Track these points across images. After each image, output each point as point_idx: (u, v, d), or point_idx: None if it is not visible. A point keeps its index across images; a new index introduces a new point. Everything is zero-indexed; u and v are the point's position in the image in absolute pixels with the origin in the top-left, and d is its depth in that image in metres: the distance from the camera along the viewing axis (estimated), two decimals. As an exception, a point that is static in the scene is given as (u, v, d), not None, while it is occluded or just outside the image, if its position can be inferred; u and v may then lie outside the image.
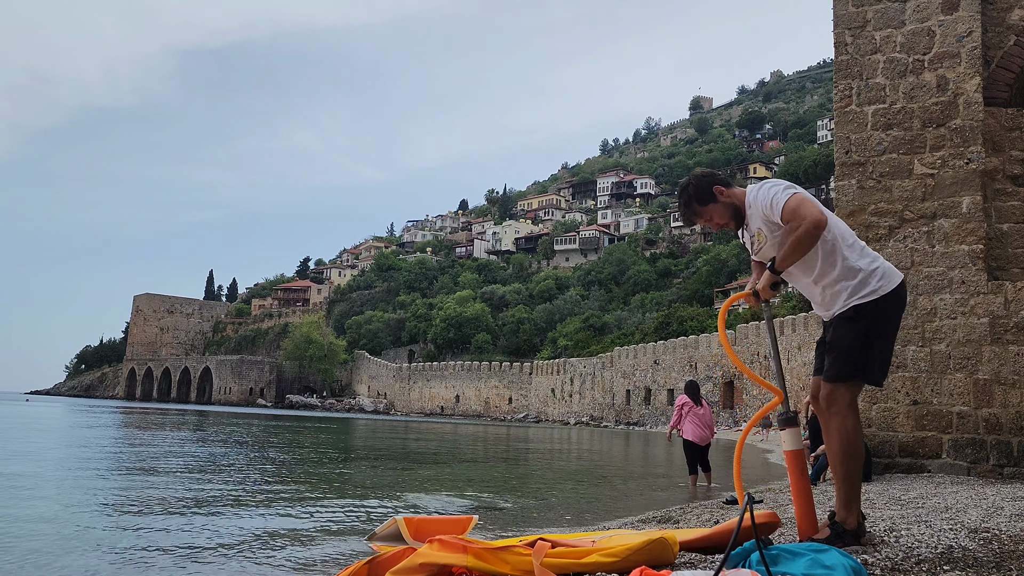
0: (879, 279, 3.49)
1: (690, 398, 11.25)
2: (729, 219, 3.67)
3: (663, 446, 28.71)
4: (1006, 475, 7.58)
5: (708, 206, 3.67)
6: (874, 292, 3.47)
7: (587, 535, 3.97)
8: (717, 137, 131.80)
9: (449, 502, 9.34)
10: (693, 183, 3.71)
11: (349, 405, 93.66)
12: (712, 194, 3.66)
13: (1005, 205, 8.15)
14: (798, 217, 3.39)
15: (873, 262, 3.54)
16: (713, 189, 3.66)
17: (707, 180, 3.69)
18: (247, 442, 21.74)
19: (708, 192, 3.66)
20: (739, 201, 3.65)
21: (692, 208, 3.71)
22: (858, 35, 8.77)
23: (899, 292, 3.53)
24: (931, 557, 3.27)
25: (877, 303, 3.47)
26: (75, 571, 5.11)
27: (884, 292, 3.48)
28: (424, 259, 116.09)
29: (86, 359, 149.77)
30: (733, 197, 3.65)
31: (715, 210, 3.67)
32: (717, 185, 3.66)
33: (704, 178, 3.71)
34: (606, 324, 80.00)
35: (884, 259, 3.66)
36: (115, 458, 15.10)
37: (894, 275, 3.54)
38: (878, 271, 3.51)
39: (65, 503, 8.27)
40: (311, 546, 6.00)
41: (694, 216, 3.73)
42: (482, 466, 16.64)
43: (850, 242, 3.57)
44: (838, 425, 3.49)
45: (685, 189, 3.74)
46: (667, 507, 7.58)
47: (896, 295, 3.52)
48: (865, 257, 3.54)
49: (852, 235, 3.62)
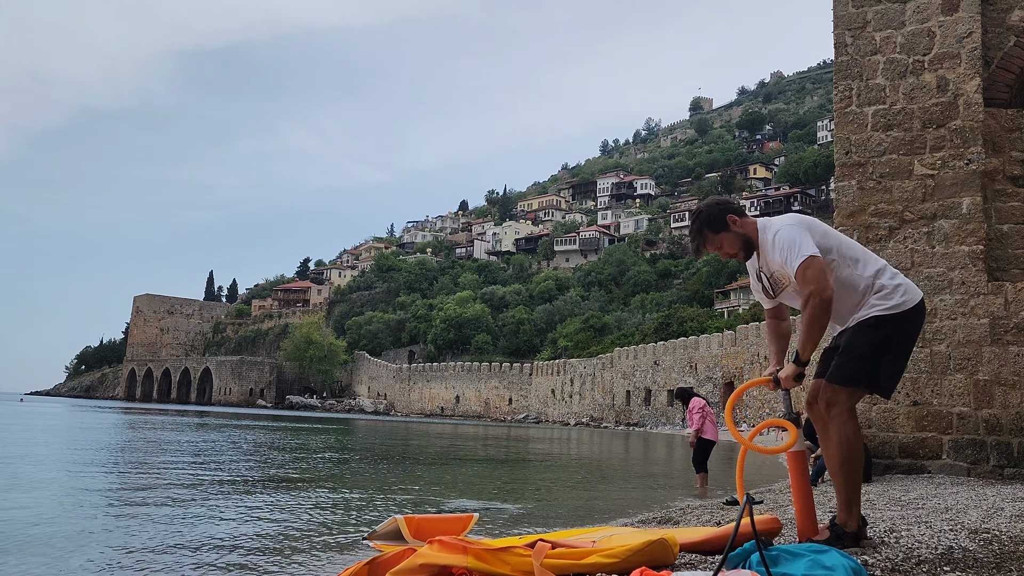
0: (902, 295, 3.50)
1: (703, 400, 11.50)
2: (739, 250, 3.62)
3: (663, 447, 28.72)
4: (1006, 476, 7.58)
5: (720, 235, 3.60)
6: (898, 307, 3.48)
7: (588, 532, 3.97)
8: (717, 138, 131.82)
9: (449, 502, 9.34)
10: (706, 211, 3.64)
11: (349, 406, 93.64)
12: (725, 223, 3.59)
13: (1005, 206, 8.15)
14: (804, 288, 3.37)
15: (894, 278, 3.56)
16: (727, 218, 3.59)
17: (721, 208, 3.62)
18: (247, 442, 21.74)
19: (721, 220, 3.59)
20: (751, 233, 3.60)
21: (704, 235, 3.63)
22: (858, 36, 8.77)
23: (919, 309, 3.56)
24: (931, 558, 3.26)
25: (899, 317, 3.49)
26: (75, 571, 5.11)
27: (907, 308, 3.50)
28: (424, 260, 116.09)
29: (86, 360, 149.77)
30: (745, 228, 3.59)
31: (726, 239, 3.60)
32: (731, 214, 3.60)
33: (718, 205, 3.65)
34: (606, 325, 79.99)
35: (889, 261, 3.68)
36: (115, 458, 15.10)
37: (916, 293, 3.57)
38: (901, 287, 3.53)
39: (65, 504, 8.27)
40: (311, 546, 5.99)
41: (705, 243, 3.65)
42: (482, 466, 16.64)
43: (867, 261, 3.58)
44: (837, 429, 3.49)
45: (698, 216, 3.66)
46: (667, 507, 7.57)
47: (916, 311, 3.54)
48: (887, 272, 3.56)
49: (868, 253, 3.64)
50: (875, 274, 3.55)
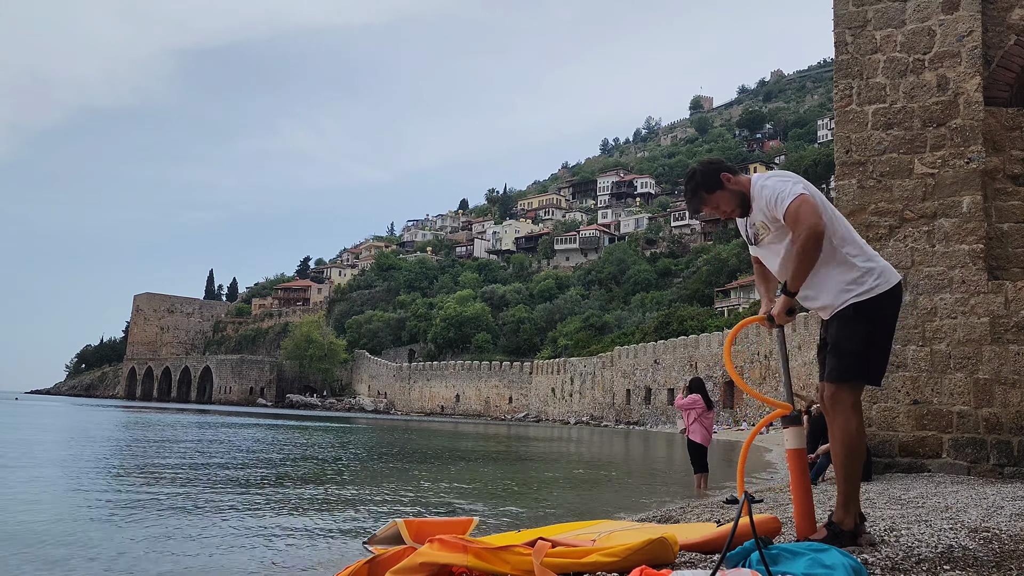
0: (876, 277, 3.49)
1: (703, 401, 11.29)
2: (736, 207, 3.63)
3: (663, 446, 28.72)
4: (1006, 475, 7.58)
5: (715, 193, 3.62)
6: (872, 290, 3.47)
7: (587, 525, 3.97)
8: (717, 137, 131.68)
9: (450, 501, 9.34)
10: (700, 170, 3.67)
11: (349, 405, 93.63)
12: (719, 181, 3.60)
13: (1005, 205, 8.15)
14: (798, 224, 3.37)
15: (870, 260, 3.54)
16: (720, 176, 3.61)
17: (714, 167, 3.65)
18: (248, 442, 21.73)
19: (715, 179, 3.61)
20: (746, 189, 3.61)
21: (699, 196, 3.65)
22: (858, 34, 8.76)
23: (896, 291, 3.54)
24: (931, 556, 3.26)
25: (875, 301, 3.47)
26: (76, 572, 5.11)
27: (882, 291, 3.48)
28: (424, 259, 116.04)
29: (86, 359, 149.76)
30: (740, 185, 3.61)
31: (722, 198, 3.62)
32: (724, 172, 3.62)
33: (711, 165, 3.68)
34: (606, 324, 79.95)
35: (883, 259, 3.66)
36: (115, 458, 15.10)
37: (892, 274, 3.55)
38: (875, 270, 3.51)
39: (64, 505, 8.27)
40: (311, 546, 5.99)
41: (701, 204, 3.68)
42: (482, 465, 16.64)
43: (850, 240, 3.56)
44: (841, 425, 3.49)
45: (692, 176, 3.69)
46: (667, 506, 7.57)
47: (893, 294, 3.52)
48: (863, 255, 3.54)
49: (852, 233, 3.61)
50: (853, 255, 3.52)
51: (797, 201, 3.39)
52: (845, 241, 3.54)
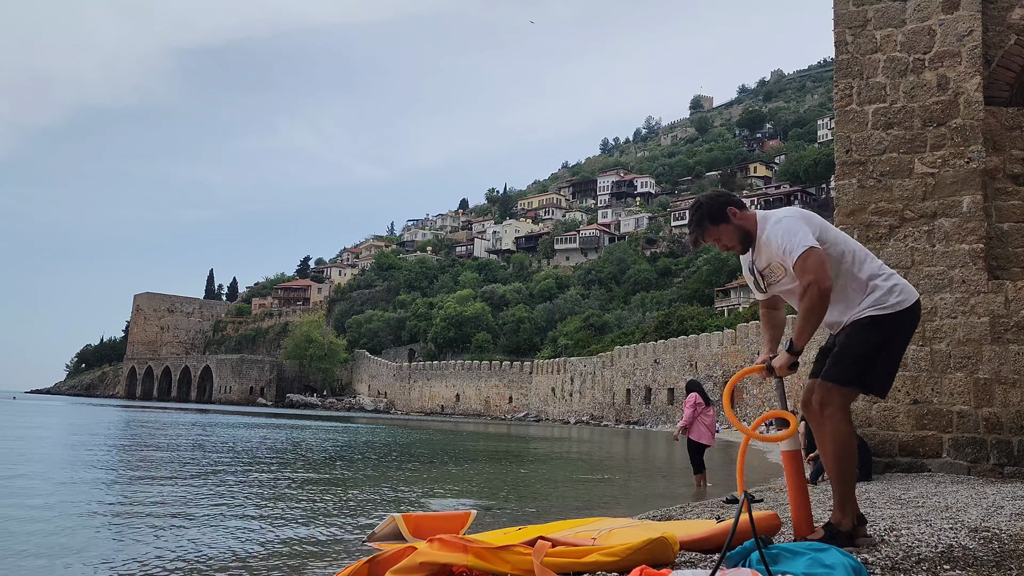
0: (898, 295, 3.53)
1: (701, 398, 11.32)
2: (737, 242, 3.63)
3: (663, 445, 28.73)
4: (1006, 474, 7.58)
5: (720, 226, 3.61)
6: (894, 306, 3.51)
7: (586, 523, 3.97)
8: (717, 136, 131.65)
9: (450, 500, 9.34)
10: (706, 202, 3.66)
11: (349, 404, 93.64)
12: (725, 214, 3.59)
13: (1005, 204, 8.15)
14: (804, 277, 3.37)
15: (890, 278, 3.58)
16: (727, 210, 3.60)
17: (722, 200, 3.64)
18: (248, 442, 21.74)
19: (721, 212, 3.60)
20: (751, 225, 3.61)
21: (703, 226, 3.63)
22: (858, 34, 8.76)
23: (915, 309, 3.58)
24: (931, 556, 3.26)
25: (895, 317, 3.50)
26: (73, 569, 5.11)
27: (903, 308, 3.52)
28: (424, 258, 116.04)
29: (86, 358, 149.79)
30: (745, 220, 3.60)
31: (725, 231, 3.61)
32: (731, 206, 3.61)
33: (719, 198, 3.67)
34: (606, 323, 79.95)
35: (886, 262, 3.69)
36: (115, 458, 15.10)
37: (911, 292, 3.59)
38: (897, 287, 3.55)
39: (65, 506, 8.27)
40: (311, 544, 5.99)
41: (704, 234, 3.66)
42: (483, 464, 16.64)
43: (863, 259, 3.60)
44: (833, 428, 3.51)
45: (698, 207, 3.67)
46: (667, 506, 7.57)
47: (912, 311, 3.57)
48: (882, 273, 3.58)
49: (872, 259, 3.65)
50: (871, 274, 3.57)
51: (805, 253, 3.39)
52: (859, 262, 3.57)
